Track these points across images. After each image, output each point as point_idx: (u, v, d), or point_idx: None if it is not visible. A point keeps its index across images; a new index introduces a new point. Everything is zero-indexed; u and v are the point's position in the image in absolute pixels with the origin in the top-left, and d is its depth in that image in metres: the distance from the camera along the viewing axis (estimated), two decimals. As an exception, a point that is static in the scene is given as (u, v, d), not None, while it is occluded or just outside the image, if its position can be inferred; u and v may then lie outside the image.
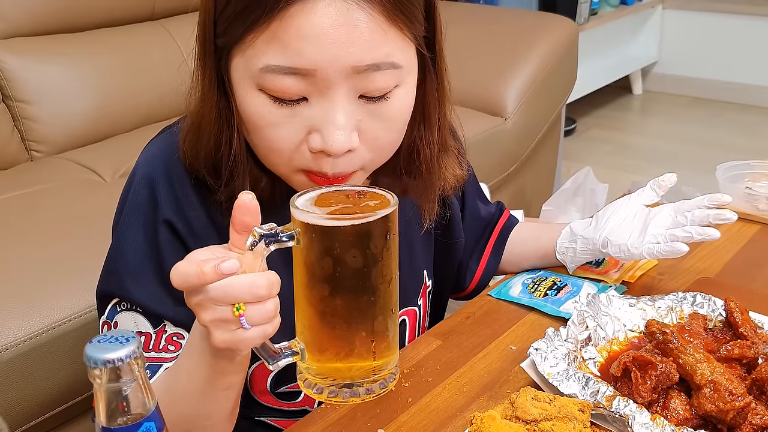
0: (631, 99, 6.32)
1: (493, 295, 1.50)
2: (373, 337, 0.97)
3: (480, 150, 3.07)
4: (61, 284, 1.96)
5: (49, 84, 2.86)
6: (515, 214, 1.70)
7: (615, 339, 1.28)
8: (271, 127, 1.08)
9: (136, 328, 1.18)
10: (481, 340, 1.37)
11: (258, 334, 0.92)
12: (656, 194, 1.46)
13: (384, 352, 0.99)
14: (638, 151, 5.15)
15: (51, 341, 1.87)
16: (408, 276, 1.45)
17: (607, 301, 1.31)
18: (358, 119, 1.08)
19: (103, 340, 0.77)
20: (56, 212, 2.32)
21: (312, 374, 0.99)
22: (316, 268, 0.94)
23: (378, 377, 0.99)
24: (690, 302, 1.34)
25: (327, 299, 0.94)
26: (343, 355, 0.97)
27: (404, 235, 1.43)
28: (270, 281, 0.91)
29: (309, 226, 0.92)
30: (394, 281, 0.98)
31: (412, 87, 1.13)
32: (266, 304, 0.91)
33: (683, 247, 1.37)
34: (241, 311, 0.90)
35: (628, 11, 5.76)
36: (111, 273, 1.21)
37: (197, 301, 0.92)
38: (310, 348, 0.98)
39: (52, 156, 2.85)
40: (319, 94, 1.05)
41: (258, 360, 1.30)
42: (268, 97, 1.07)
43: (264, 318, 0.91)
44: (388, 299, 0.97)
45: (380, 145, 1.13)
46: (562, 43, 3.56)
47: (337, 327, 0.96)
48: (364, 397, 0.99)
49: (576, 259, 1.51)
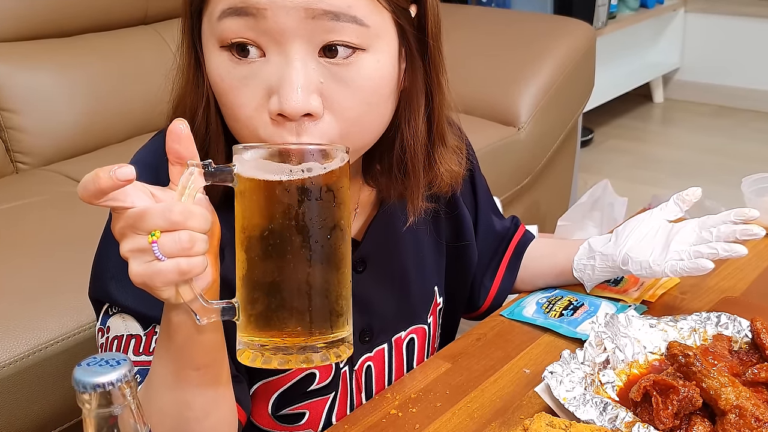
0: (651, 108, 6.32)
1: (506, 315, 1.51)
2: (309, 292, 0.96)
3: (491, 162, 3.06)
4: (48, 303, 1.96)
5: (35, 92, 2.86)
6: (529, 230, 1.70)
7: (635, 362, 1.28)
8: (232, 90, 1.09)
9: (127, 331, 1.19)
10: (492, 363, 1.37)
11: (172, 268, 0.90)
12: (680, 209, 1.46)
13: (322, 312, 0.97)
14: (659, 163, 5.15)
15: (37, 364, 1.87)
16: (418, 292, 1.46)
17: (627, 321, 1.32)
18: (319, 81, 1.07)
19: (93, 362, 0.77)
20: (43, 228, 2.33)
21: (246, 336, 0.97)
22: (249, 213, 0.95)
23: (318, 343, 0.97)
24: (714, 323, 1.34)
25: (259, 246, 0.95)
26: (278, 315, 0.96)
27: (414, 250, 1.44)
28: (188, 209, 0.91)
29: (246, 162, 0.94)
30: (337, 233, 0.97)
31: (386, 58, 1.12)
32: (180, 233, 0.90)
33: (708, 264, 1.37)
34: (155, 237, 0.90)
35: (649, 15, 5.75)
36: (96, 277, 1.22)
37: (119, 230, 0.93)
38: (245, 305, 0.97)
39: (39, 168, 2.85)
40: (276, 46, 1.06)
41: (259, 379, 1.31)
42: (228, 56, 1.08)
43: (177, 248, 0.90)
44: (329, 252, 0.96)
45: (350, 118, 1.11)
46: (579, 49, 3.56)
47: (270, 278, 0.95)
48: (301, 365, 0.97)
49: (594, 277, 1.51)
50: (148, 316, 1.17)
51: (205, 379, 1.08)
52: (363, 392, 1.41)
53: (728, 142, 5.42)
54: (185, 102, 1.18)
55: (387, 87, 1.14)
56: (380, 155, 1.25)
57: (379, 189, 1.33)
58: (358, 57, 1.08)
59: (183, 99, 1.18)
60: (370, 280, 1.38)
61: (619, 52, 5.67)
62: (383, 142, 1.22)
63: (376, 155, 1.25)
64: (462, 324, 1.65)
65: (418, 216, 1.30)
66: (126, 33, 3.20)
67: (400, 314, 1.44)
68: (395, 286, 1.43)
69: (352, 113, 1.11)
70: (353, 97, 1.10)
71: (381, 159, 1.25)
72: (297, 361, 0.96)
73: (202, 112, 1.16)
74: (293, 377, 1.32)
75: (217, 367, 1.08)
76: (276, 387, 1.32)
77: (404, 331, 1.45)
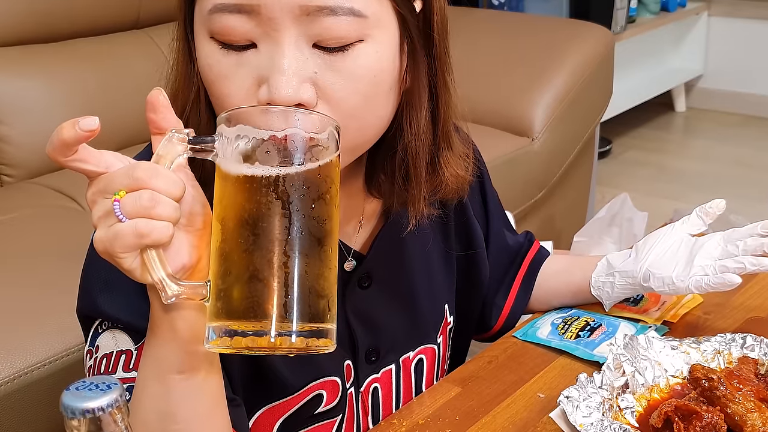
0: (673, 117, 6.32)
1: (519, 336, 1.51)
2: (287, 265, 0.93)
3: (504, 174, 3.06)
4: (34, 324, 1.96)
5: (21, 100, 2.87)
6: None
7: (655, 386, 1.28)
8: (221, 79, 1.10)
9: (117, 347, 1.18)
10: (505, 387, 1.37)
11: (129, 229, 0.90)
12: (703, 223, 1.46)
13: (301, 291, 0.94)
14: (681, 176, 5.15)
15: (23, 388, 1.87)
16: (427, 310, 1.46)
17: (647, 343, 1.32)
18: (313, 71, 1.07)
19: (82, 387, 0.77)
20: (29, 244, 2.33)
21: (215, 321, 0.95)
22: (224, 186, 0.95)
23: (296, 328, 0.93)
24: (739, 344, 1.34)
25: (234, 214, 0.94)
26: (251, 290, 0.93)
27: (423, 265, 1.44)
28: (154, 167, 0.91)
29: (225, 138, 0.95)
30: (321, 205, 0.96)
31: (385, 49, 1.12)
32: (142, 191, 0.90)
33: (735, 279, 1.37)
34: (118, 197, 0.90)
35: (670, 18, 5.76)
36: (84, 292, 1.22)
37: (90, 196, 0.93)
38: (215, 280, 0.95)
39: (25, 181, 2.86)
40: (268, 38, 1.06)
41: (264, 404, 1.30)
42: (218, 45, 1.09)
43: (137, 208, 0.89)
44: (312, 225, 0.95)
45: (346, 109, 1.10)
46: (596, 55, 3.57)
47: (244, 248, 0.93)
48: (273, 351, 0.94)
49: (614, 295, 1.51)
50: (139, 328, 1.16)
51: (190, 387, 1.06)
52: (370, 415, 1.41)
53: (754, 154, 5.42)
54: (178, 98, 1.18)
55: (386, 80, 1.14)
56: (383, 163, 1.25)
57: (382, 197, 1.33)
58: (355, 46, 1.08)
59: (176, 95, 1.19)
60: (377, 296, 1.38)
61: (639, 58, 5.68)
62: (385, 148, 1.23)
63: (379, 163, 1.26)
64: (473, 346, 1.65)
65: (420, 220, 1.29)
66: (117, 38, 3.21)
67: (408, 333, 1.44)
68: (403, 303, 1.43)
69: (348, 104, 1.10)
70: (349, 87, 1.10)
71: (384, 167, 1.25)
72: (267, 342, 0.92)
73: (191, 105, 1.16)
74: (300, 400, 1.32)
75: (202, 372, 1.06)
76: (282, 411, 1.32)
77: (412, 351, 1.45)
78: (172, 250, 0.95)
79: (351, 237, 1.36)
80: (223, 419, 1.13)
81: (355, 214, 1.35)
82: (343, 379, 1.35)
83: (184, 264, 0.96)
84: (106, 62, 3.10)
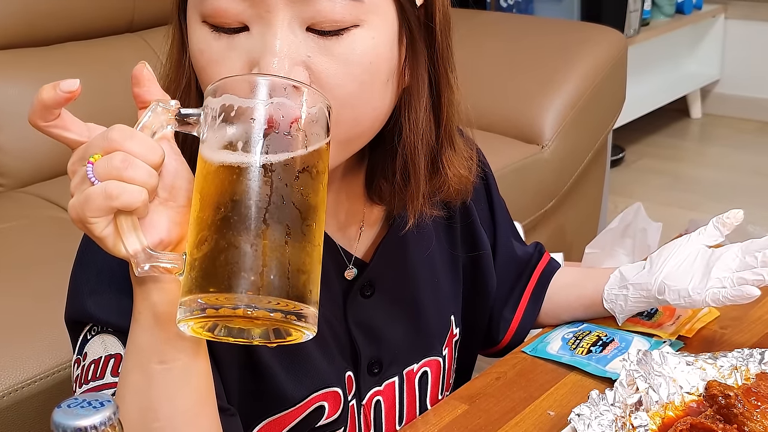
0: (688, 124, 6.33)
1: (528, 351, 1.51)
2: (265, 233, 0.92)
3: (513, 183, 3.06)
4: (25, 339, 1.96)
5: (11, 106, 2.86)
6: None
7: (670, 403, 1.28)
8: (212, 64, 1.11)
9: (106, 352, 1.17)
10: (513, 405, 1.37)
11: (99, 190, 0.90)
12: (720, 233, 1.46)
13: (279, 263, 0.93)
14: (697, 185, 5.15)
15: (13, 405, 1.87)
16: (432, 320, 1.46)
17: (661, 359, 1.31)
18: (306, 55, 1.08)
19: (74, 404, 0.77)
20: (19, 255, 2.33)
21: (187, 295, 0.93)
22: (206, 157, 0.95)
23: (272, 305, 0.91)
24: (757, 360, 1.34)
25: (215, 180, 0.94)
26: (227, 258, 0.92)
27: (428, 274, 1.44)
28: (129, 130, 0.92)
29: (211, 109, 0.95)
30: (305, 177, 0.96)
31: (381, 36, 1.12)
32: (115, 153, 0.91)
33: (754, 291, 1.37)
34: (92, 159, 0.90)
35: (685, 21, 5.77)
36: (73, 296, 1.22)
37: (70, 165, 0.94)
38: (191, 249, 0.94)
39: (15, 190, 2.86)
40: (260, 19, 1.07)
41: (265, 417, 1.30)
42: (210, 29, 1.10)
43: (108, 169, 0.90)
44: (296, 196, 0.94)
45: (340, 96, 1.10)
46: (609, 59, 3.57)
47: (221, 215, 0.93)
48: (246, 325, 0.94)
49: (627, 309, 1.50)
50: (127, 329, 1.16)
51: (173, 379, 1.05)
52: (372, 430, 1.41)
53: (772, 162, 5.42)
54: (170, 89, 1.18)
55: (383, 69, 1.14)
56: (383, 166, 1.26)
57: (383, 202, 1.33)
58: (350, 31, 1.09)
59: (168, 86, 1.19)
60: (380, 305, 1.38)
61: (653, 62, 5.68)
62: (385, 150, 1.23)
63: (379, 167, 1.26)
64: (480, 362, 1.65)
65: (420, 219, 1.30)
66: (110, 41, 3.22)
67: (412, 344, 1.44)
68: (407, 313, 1.43)
69: (342, 91, 1.10)
70: (344, 73, 1.10)
71: (384, 170, 1.26)
72: (242, 313, 0.90)
73: (182, 93, 1.17)
74: (301, 412, 1.32)
75: (184, 362, 1.05)
76: (283, 425, 1.32)
77: (417, 363, 1.46)
78: (149, 222, 0.95)
79: (352, 243, 1.36)
80: (210, 421, 1.12)
81: (356, 220, 1.36)
82: (345, 391, 1.35)
83: (162, 239, 0.96)
84: (100, 66, 3.10)
